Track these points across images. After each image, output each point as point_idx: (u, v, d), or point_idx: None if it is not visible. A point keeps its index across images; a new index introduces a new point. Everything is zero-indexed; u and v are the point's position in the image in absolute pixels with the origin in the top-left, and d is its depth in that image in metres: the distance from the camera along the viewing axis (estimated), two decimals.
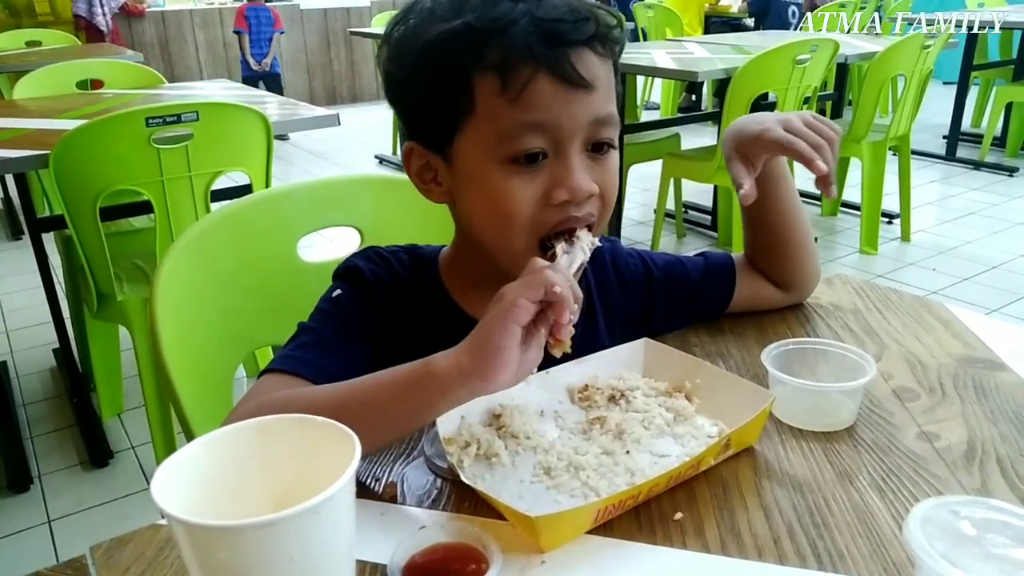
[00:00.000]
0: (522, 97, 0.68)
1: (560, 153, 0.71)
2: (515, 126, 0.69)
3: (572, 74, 0.68)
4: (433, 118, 0.73)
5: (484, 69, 0.68)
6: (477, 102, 0.70)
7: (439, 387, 0.62)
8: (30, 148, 1.79)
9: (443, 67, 0.70)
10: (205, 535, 0.43)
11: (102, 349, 2.16)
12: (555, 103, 0.69)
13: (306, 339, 0.77)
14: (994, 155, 4.81)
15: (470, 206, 0.76)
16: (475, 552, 0.55)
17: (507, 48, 0.68)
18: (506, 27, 0.68)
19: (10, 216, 4.12)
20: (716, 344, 0.89)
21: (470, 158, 0.73)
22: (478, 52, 0.68)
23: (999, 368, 0.82)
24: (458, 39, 0.68)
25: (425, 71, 0.72)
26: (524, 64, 0.68)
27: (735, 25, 6.35)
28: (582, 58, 0.70)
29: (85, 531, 1.86)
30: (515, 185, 0.71)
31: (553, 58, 0.68)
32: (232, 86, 2.98)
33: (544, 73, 0.68)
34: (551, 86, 0.68)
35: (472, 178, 0.74)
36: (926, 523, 0.49)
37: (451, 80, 0.70)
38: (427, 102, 0.73)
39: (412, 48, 0.72)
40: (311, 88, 7.40)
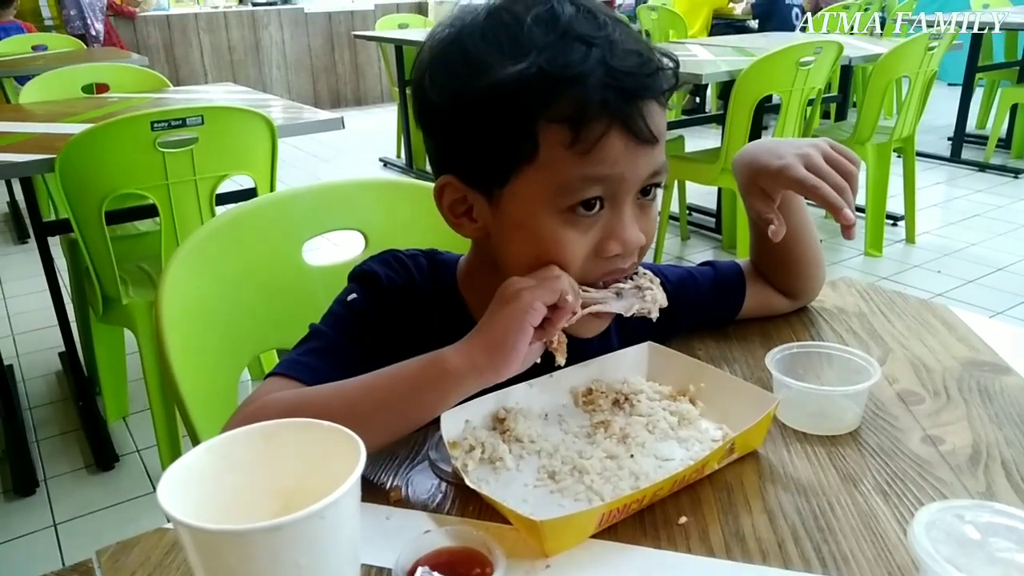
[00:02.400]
0: (592, 152, 0.65)
1: (616, 204, 0.69)
2: (580, 179, 0.66)
3: (645, 131, 0.66)
4: (485, 160, 0.70)
5: (554, 120, 0.65)
6: (541, 151, 0.66)
7: (453, 382, 0.65)
8: (36, 152, 1.79)
9: (506, 112, 0.66)
10: (211, 539, 0.43)
11: (107, 352, 2.17)
12: (623, 158, 0.66)
13: (315, 344, 0.76)
14: (999, 157, 4.80)
15: (514, 250, 0.73)
16: (480, 556, 0.55)
17: (582, 100, 0.64)
18: (581, 77, 0.64)
19: (16, 220, 4.14)
20: (720, 348, 0.89)
21: (522, 204, 0.69)
22: (548, 101, 0.64)
23: (1004, 371, 0.82)
24: (528, 85, 0.64)
25: (484, 113, 0.67)
26: (598, 119, 0.64)
27: (739, 27, 6.35)
28: (651, 112, 0.67)
29: (91, 534, 1.86)
30: (569, 236, 0.69)
31: (627, 115, 0.65)
32: (237, 90, 2.99)
33: (617, 129, 0.65)
34: (622, 142, 0.66)
35: (522, 225, 0.70)
36: (931, 527, 0.49)
37: (514, 126, 0.66)
38: (481, 143, 0.69)
39: (468, 83, 0.67)
40: (315, 91, 7.42)
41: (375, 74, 7.64)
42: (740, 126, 2.83)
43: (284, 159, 1.97)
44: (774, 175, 0.82)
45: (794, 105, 2.90)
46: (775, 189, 0.83)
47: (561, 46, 0.65)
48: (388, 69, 5.35)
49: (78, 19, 5.72)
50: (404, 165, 5.14)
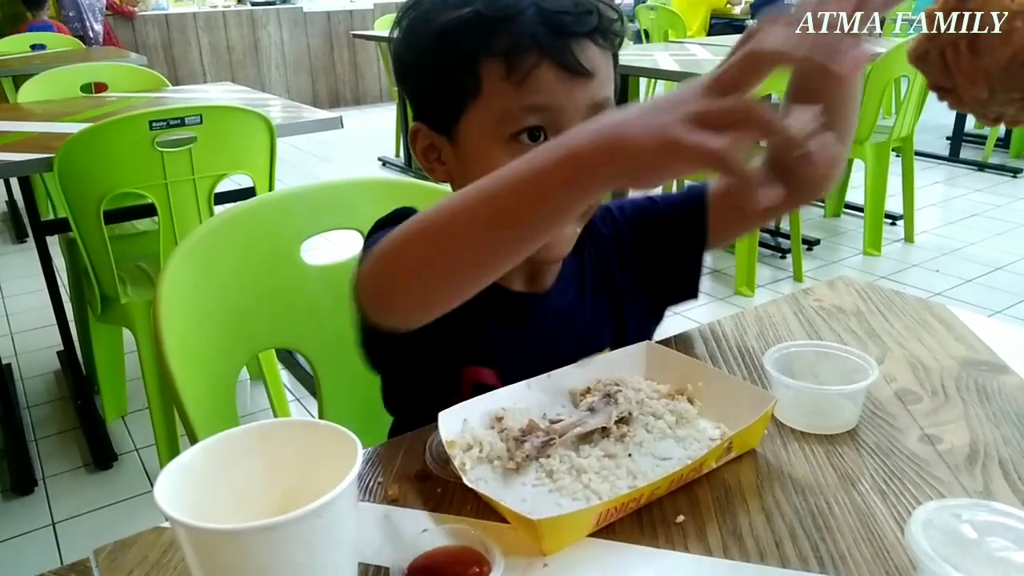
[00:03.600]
0: (526, 82, 0.71)
1: (559, 133, 0.67)
2: (518, 108, 0.72)
3: (573, 63, 0.72)
4: (440, 100, 0.77)
5: (491, 55, 0.72)
6: (483, 85, 0.73)
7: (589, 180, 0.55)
8: (34, 151, 1.79)
9: (452, 52, 0.73)
10: (208, 538, 0.43)
11: (106, 352, 2.17)
12: (557, 89, 0.72)
13: (401, 211, 0.79)
14: (998, 156, 4.81)
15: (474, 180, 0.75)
16: (477, 555, 0.55)
17: (513, 36, 0.71)
18: (513, 16, 0.71)
19: (14, 219, 4.13)
20: (718, 346, 0.89)
21: (473, 137, 0.76)
22: (486, 39, 0.72)
23: (1002, 370, 0.82)
24: (467, 26, 0.72)
25: (434, 56, 0.75)
26: (529, 52, 0.71)
27: (738, 27, 6.35)
28: (584, 48, 0.73)
29: (89, 533, 1.86)
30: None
31: (557, 48, 0.71)
32: (236, 89, 2.99)
33: (548, 61, 0.71)
34: (553, 73, 0.72)
35: (475, 156, 0.77)
36: (928, 526, 0.49)
37: (459, 64, 0.73)
38: (435, 85, 0.76)
39: (423, 33, 0.75)
40: (314, 91, 7.41)
41: (374, 74, 7.64)
42: None
43: (283, 158, 1.97)
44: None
45: None
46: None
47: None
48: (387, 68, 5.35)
49: (77, 20, 5.73)
50: (403, 165, 5.14)
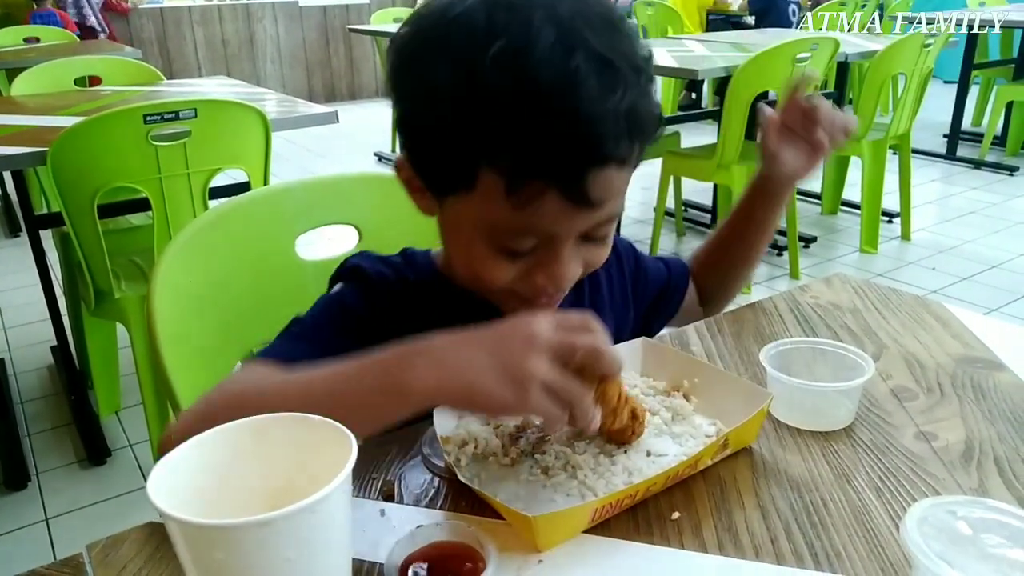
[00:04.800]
0: (527, 208, 0.62)
1: (552, 244, 0.66)
2: (512, 227, 0.65)
3: (584, 198, 0.62)
4: (430, 160, 0.68)
5: (492, 167, 0.62)
6: (478, 187, 0.64)
7: (410, 405, 0.57)
8: (28, 145, 1.78)
9: (450, 144, 0.64)
10: (201, 534, 0.42)
11: (100, 346, 2.16)
12: (560, 218, 0.64)
13: (297, 330, 0.75)
14: (994, 154, 4.81)
15: (451, 249, 0.74)
16: (472, 551, 0.55)
17: (522, 157, 0.60)
18: (526, 133, 0.59)
19: (8, 213, 4.12)
20: (714, 343, 0.89)
21: (458, 220, 0.69)
22: (490, 150, 0.61)
23: (997, 368, 0.82)
24: (472, 127, 0.61)
25: (431, 107, 0.64)
26: (536, 180, 0.61)
27: (736, 23, 6.35)
28: (603, 178, 0.62)
29: (82, 529, 1.85)
30: (498, 264, 0.68)
31: (568, 180, 0.61)
32: (231, 83, 2.97)
33: (555, 192, 0.62)
34: (559, 204, 0.62)
35: (457, 235, 0.71)
36: (923, 523, 0.49)
37: (456, 159, 0.64)
38: (425, 156, 0.69)
39: (417, 94, 0.65)
40: (310, 85, 7.40)
41: (370, 68, 7.62)
42: (736, 122, 2.83)
43: (278, 153, 1.96)
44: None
45: None
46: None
47: (512, 93, 0.59)
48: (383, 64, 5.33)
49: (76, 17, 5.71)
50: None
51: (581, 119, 0.59)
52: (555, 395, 0.55)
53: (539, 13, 0.60)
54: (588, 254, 0.70)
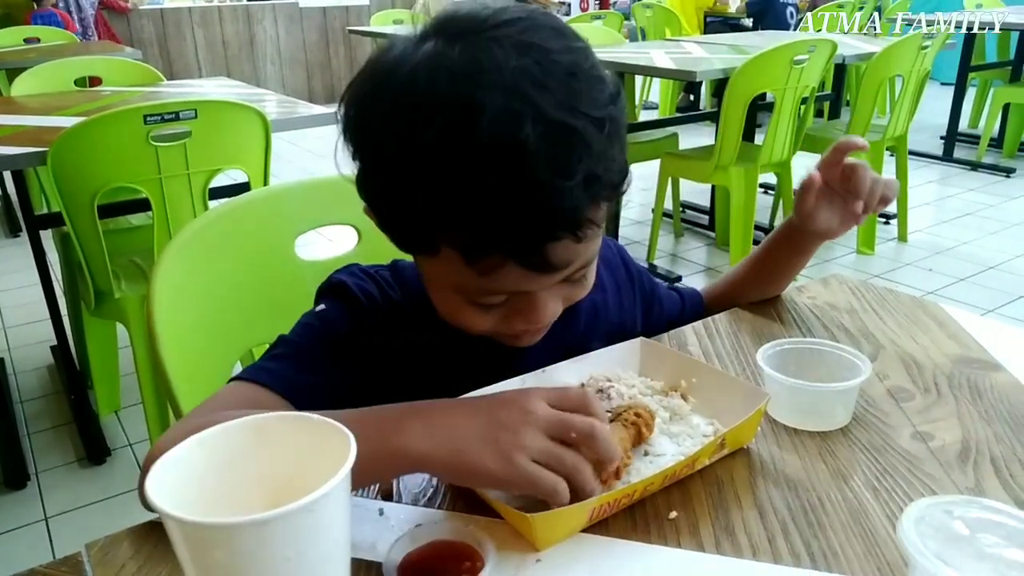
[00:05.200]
0: (487, 275, 0.61)
1: (524, 296, 0.66)
2: (478, 290, 0.64)
3: (545, 265, 0.61)
4: (391, 229, 0.66)
5: (447, 242, 0.61)
6: (441, 253, 0.62)
7: (405, 468, 0.60)
8: (28, 145, 1.78)
9: (408, 212, 0.62)
10: (199, 533, 0.43)
11: (100, 346, 2.16)
12: (524, 281, 0.62)
13: (281, 351, 0.74)
14: (991, 156, 4.82)
15: (429, 294, 0.72)
16: (470, 550, 0.55)
17: (476, 232, 0.58)
18: (478, 207, 0.57)
19: (8, 213, 4.11)
20: (712, 343, 0.89)
21: (427, 272, 0.69)
22: (445, 223, 0.59)
23: (994, 368, 0.82)
24: (426, 198, 0.58)
25: (386, 200, 0.63)
26: (493, 253, 0.59)
27: (733, 25, 6.35)
28: (561, 246, 0.60)
29: (82, 528, 1.86)
30: (472, 314, 0.67)
31: (526, 253, 0.59)
32: (231, 84, 2.97)
33: (513, 263, 0.60)
34: (519, 271, 0.61)
35: (429, 283, 0.70)
36: (920, 522, 0.49)
37: (415, 228, 0.63)
38: (384, 218, 0.66)
39: (376, 152, 0.62)
40: (310, 86, 7.40)
41: None
42: (734, 124, 2.83)
43: (278, 154, 1.96)
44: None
45: (788, 103, 2.90)
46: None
47: (459, 170, 0.56)
48: None
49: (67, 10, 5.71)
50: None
51: (533, 196, 0.56)
52: (549, 467, 0.55)
53: (483, 79, 0.56)
54: (567, 292, 0.69)
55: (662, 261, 3.40)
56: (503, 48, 0.57)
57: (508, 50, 0.57)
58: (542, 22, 0.61)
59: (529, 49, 0.57)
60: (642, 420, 0.66)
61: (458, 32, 0.59)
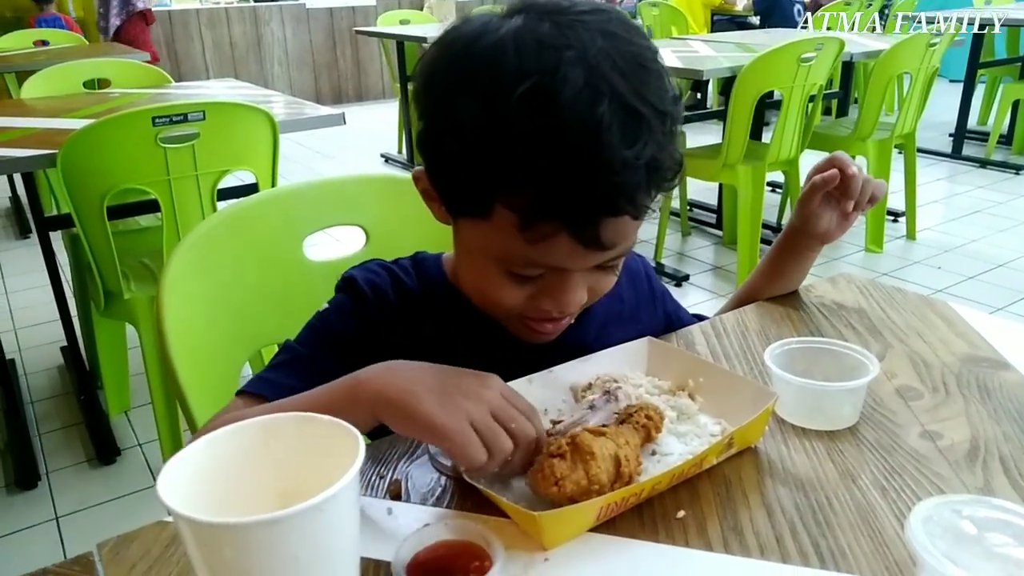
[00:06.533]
0: (538, 243, 0.63)
1: (559, 275, 0.68)
2: (523, 259, 0.66)
3: (596, 242, 0.63)
4: (445, 191, 0.69)
5: (507, 204, 0.63)
6: (493, 218, 0.64)
7: (363, 410, 0.61)
8: (38, 147, 1.79)
9: (468, 175, 0.64)
10: (210, 532, 0.43)
11: (109, 347, 2.18)
12: (571, 256, 0.65)
13: (283, 358, 0.76)
14: (1000, 153, 4.80)
15: (461, 267, 0.76)
16: (479, 550, 0.55)
17: (538, 199, 0.61)
18: (543, 177, 0.60)
19: (18, 215, 4.14)
20: (719, 343, 0.89)
21: (471, 241, 0.71)
22: (508, 186, 0.62)
23: (1003, 367, 0.82)
24: (491, 162, 0.61)
25: (448, 161, 0.66)
26: (550, 221, 0.62)
27: (740, 23, 6.33)
28: (617, 225, 0.64)
29: (92, 528, 1.87)
30: (507, 286, 0.69)
31: (581, 226, 0.62)
32: (239, 85, 2.98)
33: (567, 234, 0.62)
34: (570, 245, 0.63)
35: (468, 254, 0.73)
36: (928, 522, 0.49)
37: (473, 190, 0.65)
38: (442, 178, 0.69)
39: (441, 118, 0.65)
40: (317, 87, 7.41)
41: (376, 70, 7.63)
42: (741, 122, 2.83)
43: (286, 155, 1.97)
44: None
45: (795, 101, 2.89)
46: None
47: (535, 135, 0.59)
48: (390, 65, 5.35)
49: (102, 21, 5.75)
50: (405, 161, 5.14)
51: (601, 169, 0.59)
52: (481, 436, 0.58)
53: (568, 54, 0.59)
54: (595, 281, 0.71)
55: (669, 260, 3.40)
56: (588, 31, 0.61)
57: (594, 33, 0.61)
58: (621, 17, 0.66)
59: (612, 37, 0.62)
60: (652, 423, 0.66)
61: (545, 11, 0.63)
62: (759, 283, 1.01)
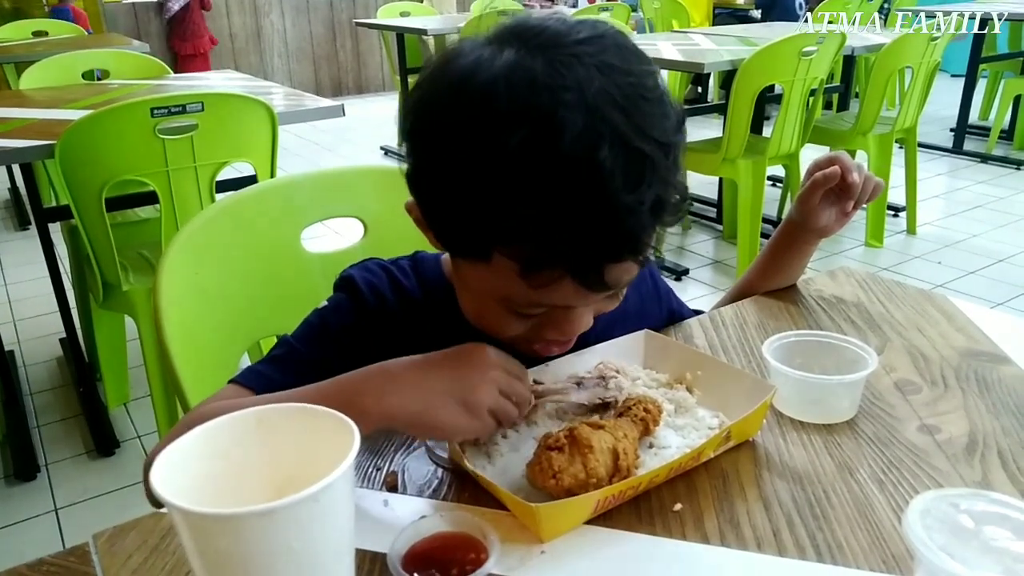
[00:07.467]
0: (541, 288, 0.61)
1: (564, 310, 0.67)
2: (525, 301, 0.64)
3: (600, 285, 0.61)
4: (443, 231, 0.66)
5: (506, 255, 0.60)
6: (492, 262, 0.62)
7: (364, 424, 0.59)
8: (36, 138, 1.79)
9: (465, 222, 0.61)
10: (205, 523, 0.43)
11: (108, 339, 2.17)
12: (574, 297, 0.63)
13: (277, 353, 0.76)
14: (1001, 148, 4.79)
15: (459, 295, 0.74)
16: (475, 541, 0.55)
17: (539, 249, 0.58)
18: (544, 228, 0.57)
19: (17, 206, 4.14)
20: (717, 336, 0.89)
21: (468, 278, 0.69)
22: (506, 238, 0.59)
23: (1002, 361, 0.82)
24: (489, 212, 0.58)
25: (443, 206, 0.63)
26: (552, 268, 0.59)
27: (741, 17, 6.32)
28: (621, 267, 0.62)
29: (91, 519, 1.87)
30: (509, 321, 0.68)
31: (585, 272, 0.60)
32: (238, 76, 2.97)
33: (571, 279, 0.60)
34: (573, 287, 0.61)
35: (466, 288, 0.71)
36: (925, 515, 0.49)
37: (470, 237, 0.62)
38: (437, 221, 0.66)
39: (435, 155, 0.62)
40: (316, 79, 7.39)
41: (376, 62, 7.61)
42: (742, 116, 2.82)
43: (285, 147, 1.97)
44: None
45: (796, 95, 2.89)
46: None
47: (535, 183, 0.56)
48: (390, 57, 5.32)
49: None
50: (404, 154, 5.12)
51: (605, 217, 0.57)
52: (496, 417, 0.63)
53: (565, 96, 0.56)
54: (601, 307, 0.70)
55: (670, 254, 3.39)
56: (584, 66, 0.57)
57: (590, 69, 0.57)
58: (618, 42, 0.61)
59: (609, 71, 0.58)
60: (650, 416, 0.66)
61: (538, 45, 0.59)
62: (757, 277, 1.01)
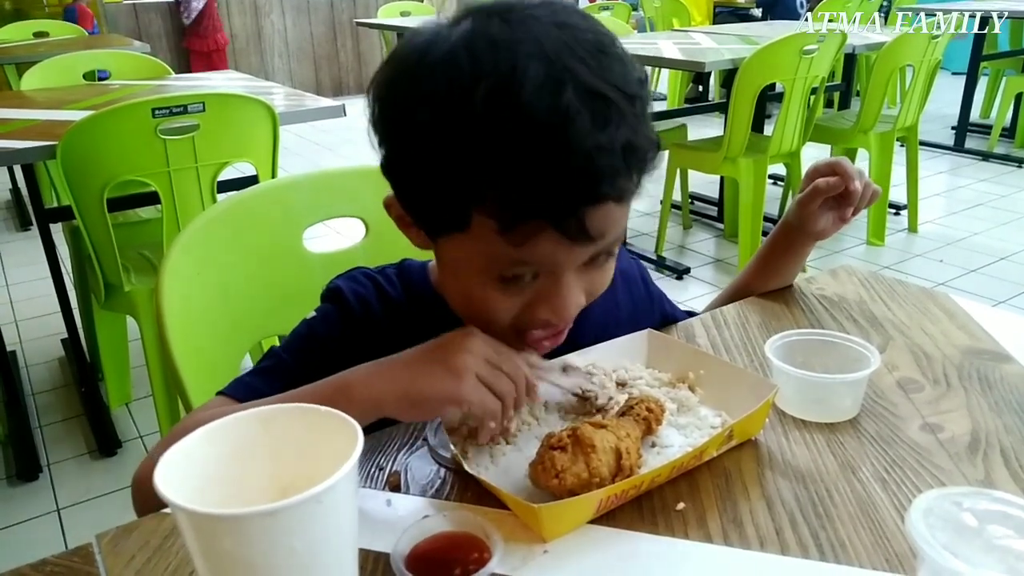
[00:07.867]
0: (522, 244, 0.60)
1: (551, 277, 0.65)
2: (509, 260, 0.63)
3: (581, 234, 0.60)
4: (419, 213, 0.67)
5: (484, 211, 0.60)
6: (472, 227, 0.62)
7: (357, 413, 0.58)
8: (37, 139, 1.79)
9: (440, 186, 0.61)
10: (208, 523, 0.43)
11: (110, 339, 2.18)
12: (557, 251, 0.62)
13: (266, 364, 0.77)
14: (1003, 146, 4.79)
15: (449, 287, 0.73)
16: (478, 541, 0.55)
17: (514, 198, 0.58)
18: (517, 173, 0.57)
19: (18, 207, 4.14)
20: (720, 335, 0.89)
21: (454, 259, 0.68)
22: (482, 193, 0.59)
23: (1004, 360, 0.82)
24: (463, 169, 0.59)
25: (419, 176, 0.63)
26: (531, 218, 0.59)
27: (742, 15, 6.32)
28: (600, 213, 0.60)
29: (94, 519, 1.87)
30: (497, 298, 0.66)
31: (565, 217, 0.59)
32: (239, 77, 2.98)
33: (550, 230, 0.59)
34: (554, 240, 0.60)
35: (454, 274, 0.70)
36: (928, 514, 0.49)
37: (447, 202, 0.62)
38: (414, 199, 0.66)
39: (406, 127, 0.62)
40: (317, 79, 7.39)
41: (377, 62, 7.55)
42: (743, 114, 2.82)
43: (286, 147, 1.97)
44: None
45: (797, 94, 2.88)
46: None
47: (502, 134, 0.57)
48: None
49: None
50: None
51: (575, 157, 0.57)
52: (488, 388, 0.62)
53: (524, 48, 0.57)
54: (590, 282, 0.68)
55: (671, 253, 3.39)
56: (540, 23, 0.60)
57: (548, 27, 0.60)
58: (571, 7, 0.64)
59: (568, 28, 0.60)
60: (653, 415, 0.66)
61: (494, 12, 0.61)
62: (752, 278, 1.01)
